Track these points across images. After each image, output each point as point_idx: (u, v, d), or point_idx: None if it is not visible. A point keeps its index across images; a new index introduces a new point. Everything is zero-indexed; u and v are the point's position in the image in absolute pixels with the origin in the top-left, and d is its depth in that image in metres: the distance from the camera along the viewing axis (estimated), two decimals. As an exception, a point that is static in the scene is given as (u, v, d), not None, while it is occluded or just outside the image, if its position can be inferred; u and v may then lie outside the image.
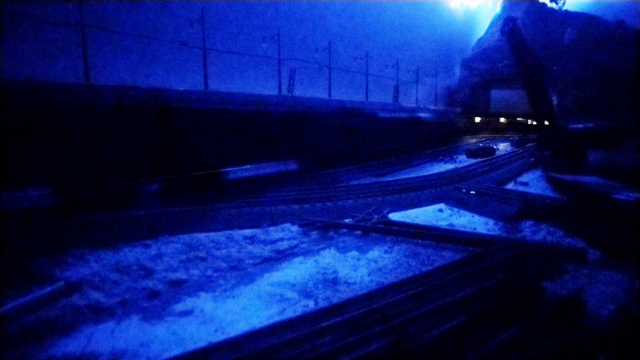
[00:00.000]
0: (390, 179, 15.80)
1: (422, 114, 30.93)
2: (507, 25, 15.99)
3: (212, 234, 8.37)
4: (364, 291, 5.55)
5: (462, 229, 8.98)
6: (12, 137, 9.01)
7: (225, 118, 14.37)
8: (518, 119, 41.52)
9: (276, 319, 4.90)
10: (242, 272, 6.77)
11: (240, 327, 4.86)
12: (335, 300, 5.47)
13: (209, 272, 6.63)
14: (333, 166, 18.08)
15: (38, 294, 5.22)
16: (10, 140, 8.97)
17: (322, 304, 5.42)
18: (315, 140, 18.47)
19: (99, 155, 10.59)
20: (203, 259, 7.12)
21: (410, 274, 6.23)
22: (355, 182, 14.89)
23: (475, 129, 41.40)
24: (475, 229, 9.17)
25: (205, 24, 17.48)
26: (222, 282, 6.35)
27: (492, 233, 8.85)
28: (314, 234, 8.64)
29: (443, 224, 9.55)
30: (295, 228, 8.95)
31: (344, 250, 7.75)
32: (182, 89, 13.49)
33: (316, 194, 11.76)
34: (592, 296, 5.49)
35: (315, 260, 7.19)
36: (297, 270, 6.75)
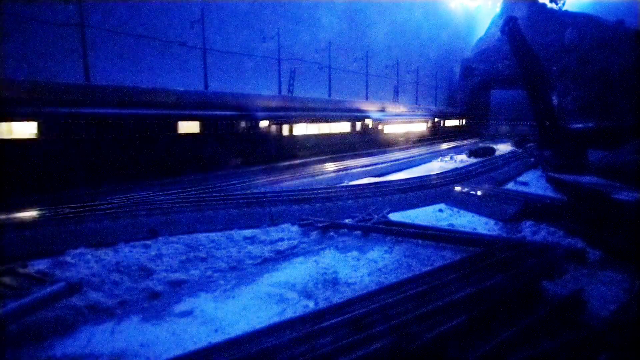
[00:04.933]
0: (390, 178, 15.79)
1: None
2: (508, 25, 16.02)
3: (212, 234, 8.37)
4: (364, 291, 5.54)
5: (462, 229, 8.98)
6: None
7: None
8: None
9: (276, 319, 4.90)
10: (242, 272, 6.76)
11: (240, 327, 4.87)
12: (335, 300, 5.47)
13: (209, 273, 6.63)
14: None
15: (38, 295, 5.21)
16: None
17: (322, 304, 5.42)
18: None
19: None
20: (203, 260, 7.12)
21: (410, 274, 6.23)
22: (354, 183, 14.88)
23: (473, 129, 41.35)
24: (475, 229, 9.17)
25: (205, 24, 17.47)
26: (222, 282, 6.34)
27: (492, 233, 8.85)
28: (314, 234, 8.63)
29: (443, 224, 9.55)
30: (295, 228, 8.95)
31: (344, 250, 7.75)
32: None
33: (316, 193, 11.75)
34: (592, 296, 5.50)
35: (316, 261, 7.19)
36: (297, 271, 6.75)
